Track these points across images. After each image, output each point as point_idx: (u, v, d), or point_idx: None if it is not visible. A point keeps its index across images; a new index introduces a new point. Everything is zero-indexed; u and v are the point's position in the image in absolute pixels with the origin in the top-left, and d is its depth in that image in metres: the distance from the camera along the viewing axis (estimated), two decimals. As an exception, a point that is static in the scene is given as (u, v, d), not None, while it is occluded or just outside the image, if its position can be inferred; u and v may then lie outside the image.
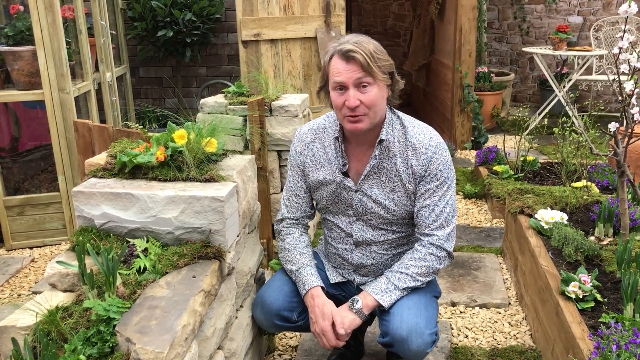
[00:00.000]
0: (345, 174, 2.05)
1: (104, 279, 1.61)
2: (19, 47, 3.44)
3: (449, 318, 2.76)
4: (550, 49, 5.71)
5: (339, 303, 2.11)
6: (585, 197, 3.00)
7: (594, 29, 6.60)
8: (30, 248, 3.68)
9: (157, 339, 1.41)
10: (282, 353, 2.51)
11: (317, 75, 4.57)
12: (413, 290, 2.01)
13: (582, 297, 2.12)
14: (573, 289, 2.14)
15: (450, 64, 5.51)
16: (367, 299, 1.97)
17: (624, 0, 2.76)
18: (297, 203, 2.16)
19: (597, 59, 6.47)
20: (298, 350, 2.51)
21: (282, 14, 4.42)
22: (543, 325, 2.37)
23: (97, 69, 4.24)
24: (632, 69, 2.18)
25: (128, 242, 1.81)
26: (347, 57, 1.85)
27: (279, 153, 3.36)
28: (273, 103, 3.31)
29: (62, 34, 3.41)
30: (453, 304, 2.87)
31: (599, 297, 2.12)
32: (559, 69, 6.77)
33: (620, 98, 2.27)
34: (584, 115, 4.24)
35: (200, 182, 1.90)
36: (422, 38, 6.53)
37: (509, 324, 2.69)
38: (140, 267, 1.73)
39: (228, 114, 3.32)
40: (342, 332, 1.93)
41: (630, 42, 2.16)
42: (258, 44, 4.46)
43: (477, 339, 2.58)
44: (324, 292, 2.04)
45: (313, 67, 4.57)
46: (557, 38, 5.58)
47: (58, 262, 1.69)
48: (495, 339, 2.58)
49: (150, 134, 2.17)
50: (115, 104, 4.47)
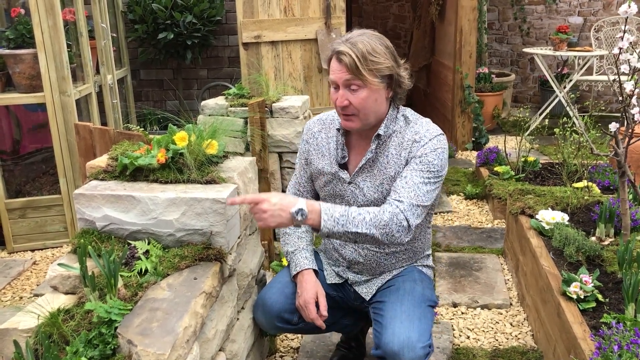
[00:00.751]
0: (344, 166, 2.06)
1: (106, 281, 1.61)
2: (20, 50, 3.45)
3: (451, 319, 2.76)
4: (551, 50, 5.71)
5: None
6: (587, 197, 3.00)
7: (595, 30, 6.60)
8: (32, 250, 3.68)
9: (158, 341, 1.41)
10: (283, 355, 2.51)
11: (317, 77, 4.57)
12: (407, 300, 1.97)
13: (583, 297, 2.12)
14: (574, 290, 2.13)
15: (451, 65, 5.52)
16: (314, 213, 1.79)
17: (624, 1, 2.76)
18: (299, 192, 2.19)
19: (597, 60, 6.47)
20: (300, 352, 2.51)
21: (282, 16, 4.42)
22: (544, 326, 2.37)
23: (98, 72, 4.25)
24: (632, 69, 2.18)
25: (129, 244, 1.81)
26: (338, 57, 1.86)
27: (280, 155, 3.37)
28: (274, 105, 3.32)
29: (63, 37, 3.42)
30: (454, 305, 2.87)
31: (601, 297, 2.12)
32: (560, 70, 6.77)
33: (621, 98, 2.27)
34: (585, 116, 4.24)
35: (202, 184, 1.90)
36: (422, 39, 6.54)
37: (511, 325, 2.69)
38: (142, 269, 1.73)
39: (229, 116, 3.32)
40: (322, 302, 2.00)
41: (631, 42, 2.16)
42: (259, 46, 4.46)
43: (478, 340, 2.58)
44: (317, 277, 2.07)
45: (313, 68, 4.58)
46: (557, 39, 5.58)
47: (60, 264, 1.69)
48: (497, 340, 2.57)
49: (152, 137, 2.18)
50: (117, 107, 4.47)
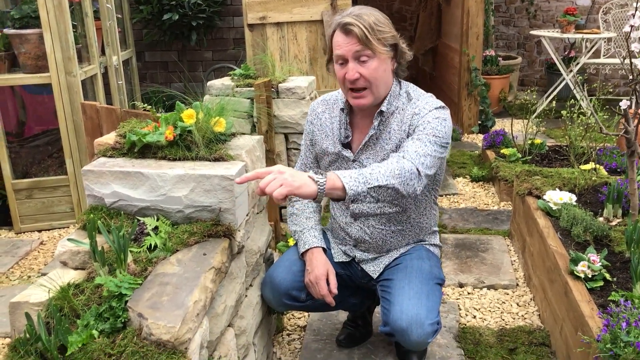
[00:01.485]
0: (348, 146, 2.05)
1: (115, 257, 1.62)
2: (26, 30, 3.44)
3: (457, 299, 2.76)
4: (558, 32, 5.65)
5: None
6: (594, 178, 2.99)
7: (603, 12, 6.53)
8: (39, 231, 3.70)
9: (169, 314, 1.42)
10: (290, 333, 2.53)
11: (323, 59, 4.54)
12: (415, 278, 1.99)
13: (591, 276, 2.12)
14: (582, 269, 2.13)
15: (458, 47, 5.48)
16: (331, 180, 1.68)
17: (635, -20, 2.73)
18: (305, 172, 2.17)
19: (605, 42, 6.41)
20: (306, 330, 2.53)
21: (288, -3, 4.39)
22: (551, 305, 2.38)
23: (103, 53, 4.24)
24: (643, 47, 2.15)
25: (138, 220, 1.81)
26: (345, 30, 1.85)
27: (286, 136, 3.36)
28: (280, 85, 3.30)
29: (68, 17, 3.40)
30: (461, 285, 2.88)
31: (608, 276, 2.12)
32: (567, 53, 6.71)
33: (631, 77, 2.25)
34: (592, 99, 4.21)
35: (210, 161, 1.90)
36: (428, 21, 6.49)
37: (517, 305, 2.69)
38: (151, 244, 1.73)
39: (235, 97, 3.31)
40: (333, 279, 2.01)
41: (642, 20, 2.14)
42: (264, 27, 4.43)
43: (485, 320, 2.59)
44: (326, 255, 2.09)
45: (319, 50, 4.55)
46: (565, 21, 5.53)
47: (69, 239, 1.70)
48: (503, 320, 2.58)
49: (159, 115, 2.17)
50: (122, 88, 4.47)
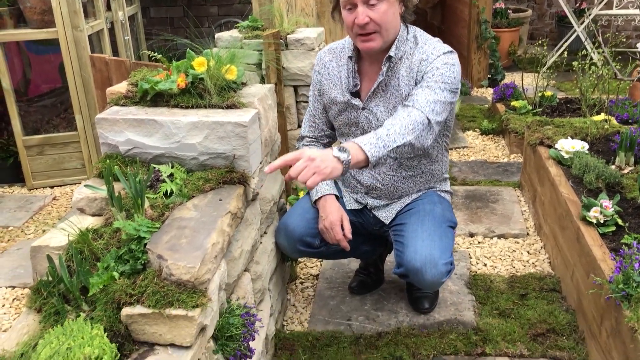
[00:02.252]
0: (357, 94, 2.04)
1: (132, 203, 1.63)
2: (30, -17, 3.40)
3: (467, 248, 2.79)
4: (570, -18, 5.53)
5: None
6: (606, 127, 2.97)
7: (616, -38, 6.36)
8: (51, 187, 3.73)
9: (188, 256, 1.44)
10: (303, 281, 2.57)
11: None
12: (428, 220, 2.00)
13: (603, 222, 2.13)
14: (594, 214, 2.14)
15: (467, 0, 5.37)
16: (352, 148, 1.67)
17: None
18: (314, 123, 2.20)
19: (617, -7, 6.27)
20: (319, 279, 2.56)
21: (294, -52, 4.29)
22: (562, 252, 2.39)
23: (108, 8, 4.18)
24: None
25: (153, 167, 1.82)
26: None
27: (296, 88, 3.33)
28: (289, 36, 3.26)
29: (73, -31, 3.35)
30: (471, 235, 2.90)
31: (620, 221, 2.13)
32: (578, 4, 6.58)
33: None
34: (605, 50, 4.14)
35: (222, 108, 1.89)
36: (437, -26, 6.35)
37: (528, 253, 2.72)
38: (167, 191, 1.75)
39: (243, 49, 3.28)
40: (347, 225, 2.03)
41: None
42: (270, -20, 4.35)
43: (495, 267, 2.61)
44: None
45: (326, 3, 4.46)
46: (577, -30, 5.40)
47: (86, 185, 1.71)
48: (514, 267, 2.61)
49: (169, 65, 2.16)
50: (129, 44, 4.43)
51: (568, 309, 2.25)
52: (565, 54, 4.60)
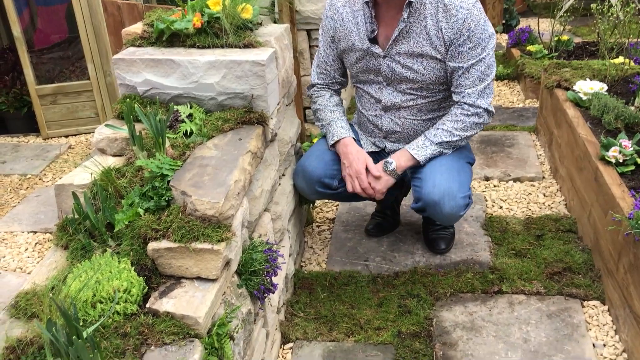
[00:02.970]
0: (374, 40, 2.01)
1: (153, 142, 1.64)
2: None
3: (483, 191, 2.79)
4: None
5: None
6: (626, 67, 2.92)
7: None
8: (66, 137, 3.74)
9: (211, 192, 1.45)
10: (320, 224, 2.59)
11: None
12: (445, 157, 2.01)
13: (622, 161, 2.12)
14: (613, 154, 2.13)
15: (482, -59, 5.22)
16: (400, 159, 2.00)
17: None
18: (325, 70, 2.16)
19: None
20: (335, 222, 2.59)
21: None
22: (579, 193, 2.39)
23: (116, -47, 4.10)
24: None
25: (173, 107, 1.82)
26: None
27: (309, 32, 3.28)
28: (301, -21, 3.20)
29: None
30: (487, 179, 2.90)
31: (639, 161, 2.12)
32: (597, -54, 6.37)
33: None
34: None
35: (239, 48, 1.87)
36: None
37: (544, 195, 2.72)
38: (186, 131, 1.75)
39: (255, -7, 3.22)
40: (372, 166, 2.02)
41: None
42: None
43: (511, 210, 2.62)
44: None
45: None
46: None
47: (107, 125, 1.72)
48: (530, 209, 2.61)
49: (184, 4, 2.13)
50: (137, -9, 4.36)
51: (584, 249, 2.27)
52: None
